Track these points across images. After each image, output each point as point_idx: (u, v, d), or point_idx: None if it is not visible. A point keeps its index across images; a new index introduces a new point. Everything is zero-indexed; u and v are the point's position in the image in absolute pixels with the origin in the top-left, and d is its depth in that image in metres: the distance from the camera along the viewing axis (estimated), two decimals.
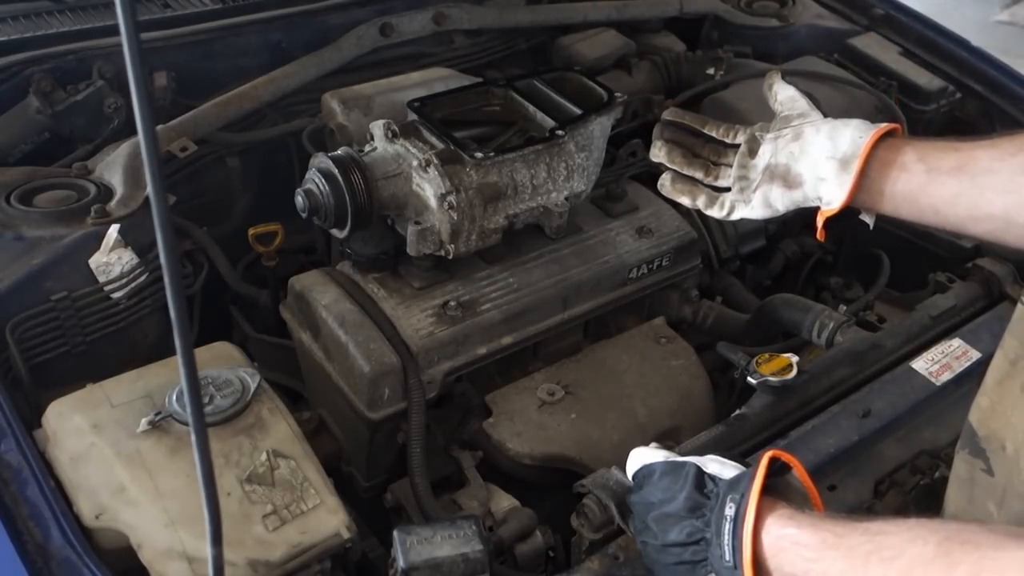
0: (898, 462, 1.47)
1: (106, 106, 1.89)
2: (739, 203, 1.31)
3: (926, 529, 0.89)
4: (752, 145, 1.31)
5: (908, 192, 1.18)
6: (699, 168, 1.35)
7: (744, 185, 1.31)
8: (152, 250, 1.59)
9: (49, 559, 1.14)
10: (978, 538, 0.85)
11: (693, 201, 1.35)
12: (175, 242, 0.79)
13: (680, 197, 1.37)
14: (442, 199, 1.50)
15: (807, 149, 1.25)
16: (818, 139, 1.25)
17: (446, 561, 1.15)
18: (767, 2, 2.59)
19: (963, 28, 2.52)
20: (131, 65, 0.64)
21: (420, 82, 1.87)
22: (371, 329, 1.51)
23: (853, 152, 1.20)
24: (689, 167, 1.35)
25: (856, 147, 1.20)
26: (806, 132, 1.27)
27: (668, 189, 1.38)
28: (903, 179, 1.18)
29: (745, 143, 1.31)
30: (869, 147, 1.19)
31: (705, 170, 1.35)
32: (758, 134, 1.31)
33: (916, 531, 0.89)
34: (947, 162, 1.15)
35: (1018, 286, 1.77)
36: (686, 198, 1.36)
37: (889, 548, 0.89)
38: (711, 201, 1.34)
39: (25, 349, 1.47)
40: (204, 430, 0.78)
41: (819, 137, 1.25)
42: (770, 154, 1.28)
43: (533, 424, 1.56)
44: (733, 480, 1.05)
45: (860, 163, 1.19)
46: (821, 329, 1.69)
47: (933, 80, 2.33)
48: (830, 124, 1.26)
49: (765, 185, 1.29)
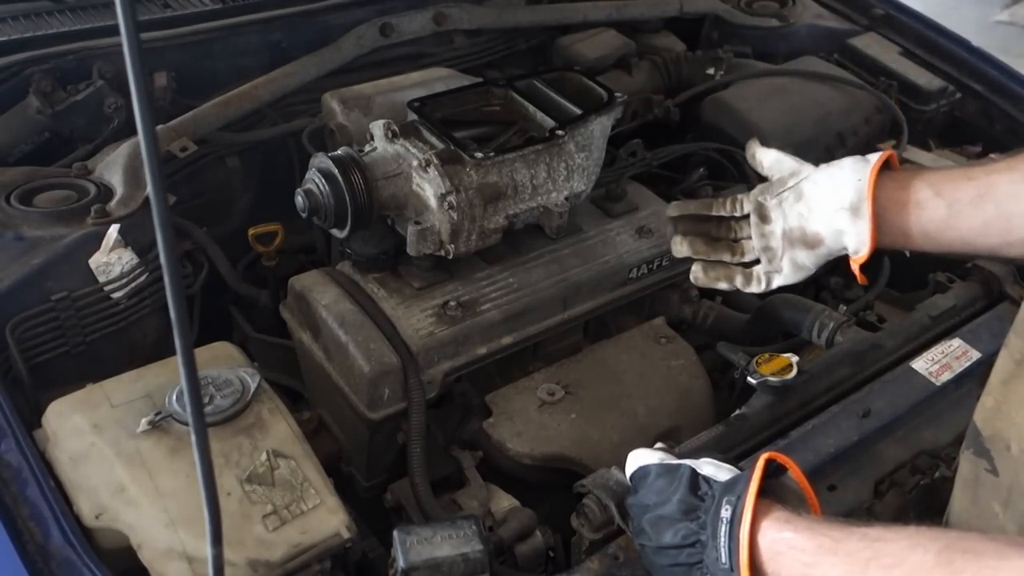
0: (898, 462, 1.46)
1: (106, 106, 1.89)
2: (772, 273, 1.31)
3: (926, 537, 0.88)
4: (761, 212, 1.29)
5: (932, 229, 1.16)
6: (724, 251, 1.34)
7: (770, 256, 1.30)
8: (152, 250, 1.59)
9: (49, 559, 1.14)
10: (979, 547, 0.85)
11: (731, 284, 1.34)
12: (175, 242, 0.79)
13: (717, 284, 1.35)
14: (442, 199, 1.50)
15: (813, 206, 1.23)
16: (820, 192, 1.23)
17: (446, 561, 1.15)
18: (767, 2, 2.59)
19: (963, 28, 2.52)
20: (131, 65, 0.64)
21: (420, 82, 1.87)
22: (371, 329, 1.51)
23: (859, 197, 1.18)
24: (715, 253, 1.35)
25: (860, 192, 1.18)
26: (805, 189, 1.25)
27: (703, 279, 1.36)
28: (924, 217, 1.16)
29: (754, 213, 1.30)
30: (872, 189, 1.17)
31: (731, 251, 1.34)
32: (761, 199, 1.30)
33: (916, 538, 0.88)
34: (965, 193, 1.14)
35: (1018, 286, 1.77)
36: (723, 283, 1.35)
37: (888, 555, 0.89)
38: (747, 279, 1.33)
39: (25, 349, 1.47)
40: (204, 430, 0.78)
41: (820, 190, 1.23)
42: (782, 220, 1.27)
43: (533, 424, 1.56)
44: (729, 482, 1.05)
45: (870, 208, 1.17)
46: (821, 329, 1.69)
47: (933, 80, 2.33)
48: (825, 173, 1.24)
49: (789, 251, 1.27)
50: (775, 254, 1.29)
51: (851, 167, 1.21)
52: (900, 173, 1.20)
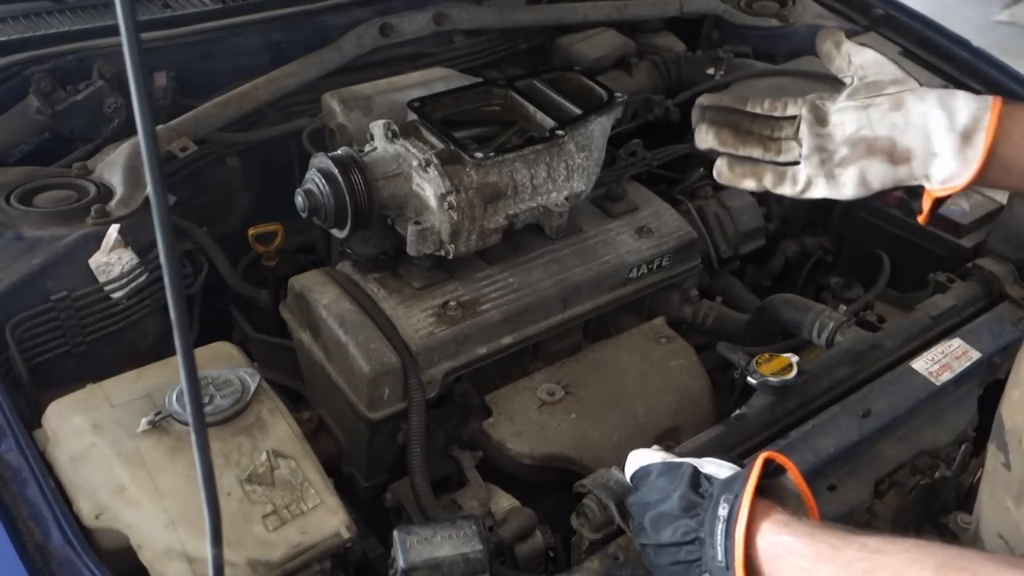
0: (898, 462, 1.46)
1: (106, 106, 1.89)
2: (817, 178, 1.18)
3: (924, 553, 0.88)
4: (818, 114, 1.18)
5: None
6: (756, 145, 1.21)
7: (824, 157, 1.17)
8: (152, 250, 1.59)
9: (49, 559, 1.14)
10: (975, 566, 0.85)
11: (759, 182, 1.22)
12: (175, 242, 0.79)
13: (743, 181, 1.23)
14: (442, 199, 1.50)
15: (914, 120, 1.13)
16: (926, 109, 1.13)
17: (446, 561, 1.15)
18: (767, 2, 2.59)
19: (963, 28, 2.52)
20: (131, 65, 0.64)
21: (420, 82, 1.87)
22: (371, 329, 1.51)
23: (975, 125, 1.10)
24: (744, 146, 1.21)
25: (978, 119, 1.10)
26: (908, 101, 1.14)
27: (727, 175, 1.23)
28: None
29: (808, 111, 1.19)
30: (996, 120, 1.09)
31: (763, 147, 1.21)
32: (820, 103, 1.19)
33: (914, 554, 0.88)
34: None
35: (1018, 286, 1.77)
36: (750, 180, 1.22)
37: (885, 569, 0.88)
38: (780, 178, 1.20)
39: (25, 349, 1.47)
40: (204, 430, 0.78)
41: (927, 107, 1.13)
42: (861, 124, 1.15)
43: (533, 424, 1.56)
44: (727, 480, 1.05)
45: (989, 137, 1.08)
46: (821, 329, 1.69)
47: (933, 80, 2.33)
48: (935, 93, 1.14)
49: (861, 160, 1.16)
50: (831, 157, 1.17)
51: (965, 96, 1.12)
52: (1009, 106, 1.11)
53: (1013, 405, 1.13)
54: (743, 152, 1.22)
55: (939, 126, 1.12)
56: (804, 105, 1.20)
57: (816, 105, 1.20)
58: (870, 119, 1.16)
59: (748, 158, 1.22)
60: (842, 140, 1.17)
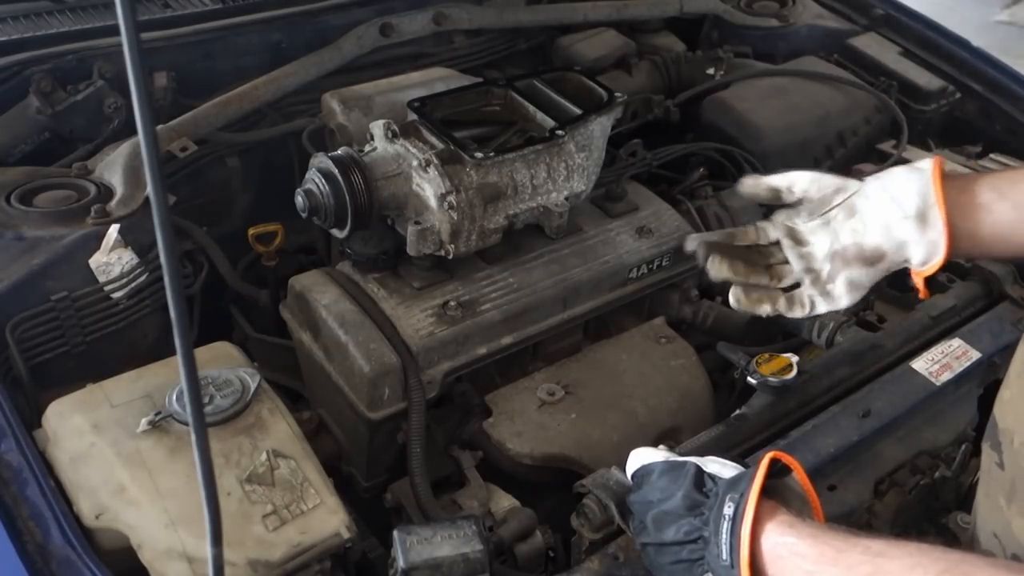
0: (898, 462, 1.46)
1: (106, 106, 1.89)
2: (816, 297, 1.25)
3: (927, 558, 0.89)
4: (792, 236, 1.26)
5: (999, 233, 1.14)
6: (763, 274, 1.28)
7: (814, 277, 1.25)
8: (152, 250, 1.59)
9: (49, 559, 1.14)
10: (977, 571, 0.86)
11: (774, 307, 1.28)
12: (175, 242, 0.79)
13: (760, 307, 1.28)
14: (442, 199, 1.50)
15: (869, 220, 1.19)
16: (875, 205, 1.19)
17: (446, 561, 1.15)
18: (767, 2, 2.59)
19: (963, 28, 2.53)
20: (131, 65, 0.64)
21: (420, 82, 1.87)
22: (371, 329, 1.51)
23: (925, 204, 1.15)
24: (755, 276, 1.28)
25: (926, 199, 1.15)
26: (858, 204, 1.20)
27: (745, 303, 1.28)
28: (989, 221, 1.14)
29: (785, 237, 1.26)
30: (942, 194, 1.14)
31: (768, 274, 1.28)
32: (789, 223, 1.27)
33: (917, 558, 0.89)
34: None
35: (1018, 286, 1.77)
36: (767, 306, 1.28)
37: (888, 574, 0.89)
38: (790, 303, 1.27)
39: (25, 349, 1.47)
40: (204, 430, 0.78)
41: (875, 203, 1.19)
42: (831, 239, 1.22)
43: (533, 424, 1.56)
44: (733, 480, 1.05)
45: (943, 214, 1.13)
46: (821, 329, 1.69)
47: (933, 80, 2.33)
48: (876, 185, 1.19)
49: (844, 272, 1.22)
50: (819, 276, 1.24)
51: (905, 176, 1.17)
52: (957, 178, 1.17)
53: (1004, 405, 1.14)
54: (754, 281, 1.28)
55: (894, 217, 1.17)
56: (780, 230, 1.27)
57: (790, 228, 1.27)
58: (836, 232, 1.22)
59: (759, 285, 1.28)
60: (823, 258, 1.24)
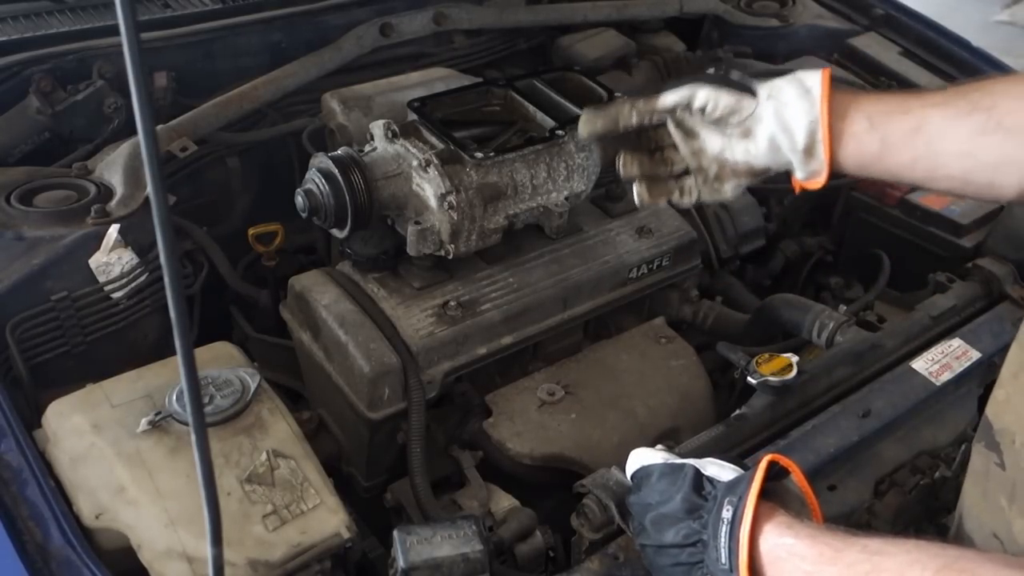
0: (898, 462, 1.47)
1: (106, 106, 1.89)
2: (705, 190, 1.28)
3: (925, 555, 0.89)
4: (682, 128, 1.25)
5: (865, 161, 1.16)
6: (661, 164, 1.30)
7: (704, 176, 1.27)
8: (152, 250, 1.59)
9: (49, 559, 1.14)
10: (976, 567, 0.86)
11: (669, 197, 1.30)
12: (175, 242, 0.79)
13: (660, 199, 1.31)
14: (442, 199, 1.51)
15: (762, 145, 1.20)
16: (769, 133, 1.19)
17: (446, 561, 1.15)
18: (767, 2, 2.60)
19: (963, 28, 2.52)
20: (131, 65, 0.64)
21: (420, 82, 1.87)
22: (371, 329, 1.51)
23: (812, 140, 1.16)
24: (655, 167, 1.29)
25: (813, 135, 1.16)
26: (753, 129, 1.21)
27: (647, 199, 1.30)
28: (859, 150, 1.15)
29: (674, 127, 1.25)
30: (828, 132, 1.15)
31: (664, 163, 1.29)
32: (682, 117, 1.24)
33: (915, 555, 0.89)
34: (899, 127, 1.13)
35: (1018, 286, 1.77)
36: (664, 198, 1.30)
37: (887, 571, 0.89)
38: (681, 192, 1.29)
39: (25, 349, 1.47)
40: (204, 430, 0.78)
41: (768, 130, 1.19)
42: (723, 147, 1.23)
43: (533, 424, 1.56)
44: (731, 483, 1.05)
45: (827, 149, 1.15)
46: (821, 329, 1.69)
47: (933, 80, 2.33)
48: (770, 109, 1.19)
49: (733, 180, 1.26)
50: (708, 175, 1.26)
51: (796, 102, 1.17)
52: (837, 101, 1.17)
53: (999, 405, 1.14)
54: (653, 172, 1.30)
55: (784, 146, 1.19)
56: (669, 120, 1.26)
57: (679, 120, 1.26)
58: (729, 143, 1.23)
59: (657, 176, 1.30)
60: (712, 158, 1.25)
